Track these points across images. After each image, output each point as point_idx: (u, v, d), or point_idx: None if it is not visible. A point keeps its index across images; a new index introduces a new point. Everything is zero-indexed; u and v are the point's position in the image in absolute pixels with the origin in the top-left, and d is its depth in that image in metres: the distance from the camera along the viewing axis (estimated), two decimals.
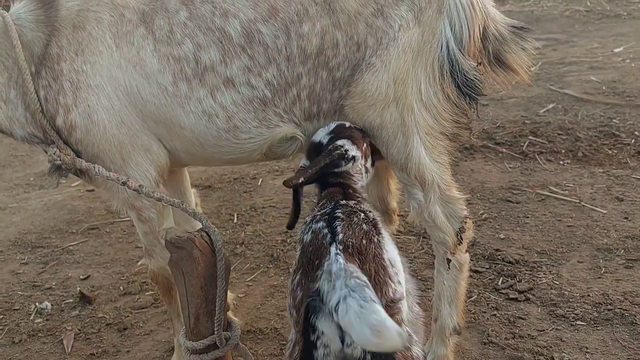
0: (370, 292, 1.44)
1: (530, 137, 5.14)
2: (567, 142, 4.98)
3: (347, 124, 2.29)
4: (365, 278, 1.51)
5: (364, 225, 1.78)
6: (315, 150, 2.21)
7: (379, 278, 1.60)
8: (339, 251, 1.63)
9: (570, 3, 10.19)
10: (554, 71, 6.91)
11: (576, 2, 10.12)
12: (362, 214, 1.87)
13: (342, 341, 1.49)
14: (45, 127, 2.25)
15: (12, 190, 5.14)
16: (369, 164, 2.28)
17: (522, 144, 5.04)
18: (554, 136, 5.10)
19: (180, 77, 2.21)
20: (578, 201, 4.01)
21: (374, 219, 1.89)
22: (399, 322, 1.61)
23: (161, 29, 2.21)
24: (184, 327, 2.24)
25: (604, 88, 6.11)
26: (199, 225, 2.76)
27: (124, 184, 2.20)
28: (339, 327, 1.47)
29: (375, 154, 2.42)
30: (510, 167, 4.69)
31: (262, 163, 5.27)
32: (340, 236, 1.69)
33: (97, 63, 2.22)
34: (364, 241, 1.69)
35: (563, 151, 4.84)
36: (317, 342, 1.51)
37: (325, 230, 1.74)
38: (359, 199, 2.03)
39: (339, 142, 2.16)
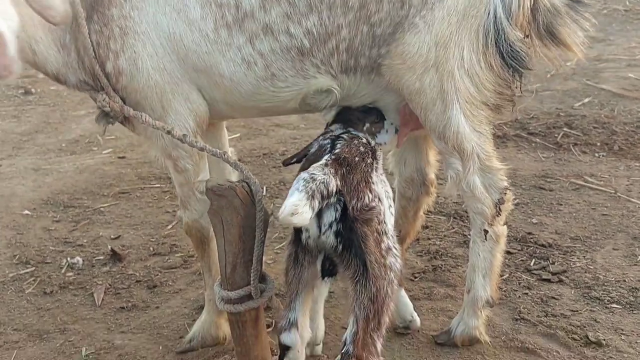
0: (302, 183, 1.79)
1: (565, 129, 5.06)
2: (603, 135, 4.89)
3: (354, 106, 2.44)
4: (318, 173, 1.83)
5: (361, 147, 2.09)
6: (325, 128, 2.48)
7: (359, 187, 1.89)
8: (329, 158, 1.93)
9: (608, 2, 10.01)
10: (591, 67, 6.78)
11: (615, 1, 9.93)
12: (364, 140, 2.18)
13: (320, 229, 1.87)
14: (97, 72, 2.26)
15: (44, 155, 5.20)
16: (383, 136, 2.44)
17: (556, 135, 4.96)
18: (589, 129, 5.02)
19: (221, 23, 2.21)
20: (613, 192, 3.94)
21: (373, 148, 2.18)
22: (375, 229, 1.89)
23: None
24: (219, 277, 2.24)
25: None
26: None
27: (168, 132, 2.21)
28: (317, 218, 1.84)
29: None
30: (543, 157, 4.63)
31: (291, 141, 5.28)
32: (337, 150, 2.00)
33: (144, 9, 2.23)
34: (357, 158, 1.99)
35: (598, 144, 4.76)
36: (302, 226, 1.87)
37: (329, 146, 2.07)
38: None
39: (332, 127, 2.37)
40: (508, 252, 3.29)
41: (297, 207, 1.70)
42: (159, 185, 4.38)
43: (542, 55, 2.45)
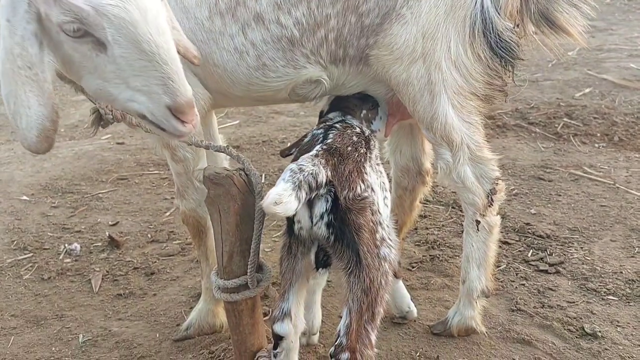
0: (289, 173, 1.76)
1: (565, 119, 5.04)
2: (603, 126, 4.88)
3: (346, 95, 2.43)
4: (307, 164, 1.79)
5: (354, 137, 2.04)
6: (321, 116, 2.45)
7: (351, 177, 1.86)
8: (320, 149, 1.90)
9: None
10: (592, 57, 6.76)
11: None
12: (358, 129, 2.14)
13: (311, 220, 1.85)
14: None
15: None
16: (377, 123, 2.45)
17: (556, 125, 4.95)
18: (590, 119, 5.00)
19: (215, 11, 2.20)
20: (612, 183, 3.93)
21: (367, 137, 2.13)
22: (370, 219, 1.86)
23: None
24: (215, 265, 2.24)
25: None
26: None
27: None
28: (309, 209, 1.83)
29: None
30: (543, 147, 4.62)
31: (291, 128, 5.26)
32: (329, 140, 1.97)
33: None
34: (349, 148, 1.96)
35: (598, 134, 4.75)
36: (294, 218, 1.87)
37: (321, 136, 2.03)
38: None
39: (329, 115, 2.33)
40: (506, 243, 3.30)
41: (280, 196, 1.68)
42: (157, 171, 4.37)
43: (541, 43, 2.42)
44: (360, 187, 1.86)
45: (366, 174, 1.92)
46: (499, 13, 2.20)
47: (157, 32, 1.63)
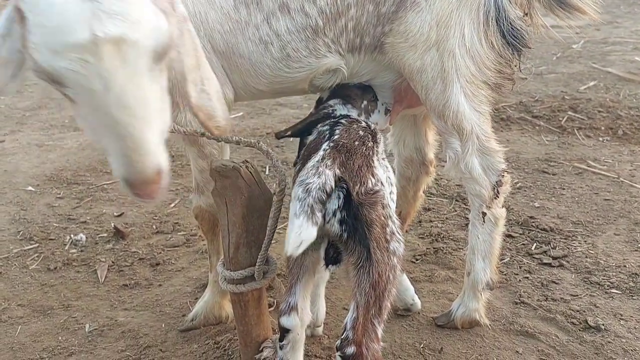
0: (298, 205, 1.72)
1: (570, 113, 5.04)
2: (608, 119, 4.88)
3: (350, 83, 2.42)
4: (311, 180, 1.76)
5: (361, 131, 2.03)
6: (318, 103, 2.43)
7: (361, 172, 1.85)
8: (327, 147, 1.89)
9: None
10: (597, 50, 6.75)
11: None
12: (364, 124, 2.14)
13: (324, 218, 1.80)
14: None
15: (47, 130, 5.20)
16: (376, 116, 2.43)
17: (560, 119, 4.95)
18: (594, 113, 5.00)
19: (240, 0, 2.20)
20: (616, 177, 3.94)
21: (373, 131, 2.12)
22: (381, 213, 1.83)
23: None
24: (222, 256, 2.25)
25: None
26: None
27: (202, 135, 2.17)
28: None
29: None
30: (547, 140, 4.62)
31: (294, 120, 5.26)
32: (336, 137, 1.96)
33: None
34: (356, 142, 1.95)
35: (603, 128, 4.75)
36: None
37: (327, 133, 2.01)
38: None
39: (330, 102, 2.33)
40: (509, 236, 3.31)
41: (300, 236, 1.66)
42: None
43: (552, 30, 2.43)
44: (371, 181, 1.85)
45: (375, 167, 1.91)
46: (510, 1, 2.23)
47: (118, 107, 1.45)
